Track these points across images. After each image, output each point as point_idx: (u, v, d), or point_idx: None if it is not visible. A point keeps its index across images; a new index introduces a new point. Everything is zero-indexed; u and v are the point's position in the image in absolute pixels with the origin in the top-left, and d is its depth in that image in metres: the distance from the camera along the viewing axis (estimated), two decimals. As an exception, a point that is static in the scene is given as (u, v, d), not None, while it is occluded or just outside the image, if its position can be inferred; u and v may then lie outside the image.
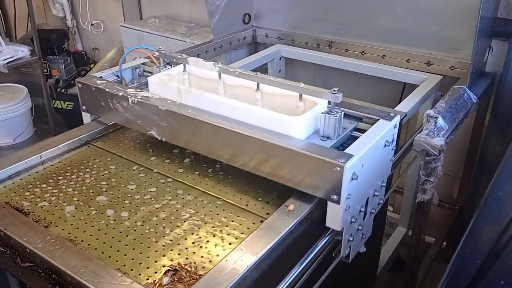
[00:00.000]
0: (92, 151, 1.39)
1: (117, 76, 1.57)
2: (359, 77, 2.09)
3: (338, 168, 1.01)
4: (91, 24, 3.48)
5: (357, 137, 1.25)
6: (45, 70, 3.41)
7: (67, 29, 3.62)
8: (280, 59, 2.24)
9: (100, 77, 1.49)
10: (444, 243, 2.21)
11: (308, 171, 1.06)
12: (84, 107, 1.49)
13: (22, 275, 0.96)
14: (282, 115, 1.15)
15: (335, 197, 1.04)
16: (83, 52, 3.61)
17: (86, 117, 1.51)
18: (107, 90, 1.36)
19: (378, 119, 1.24)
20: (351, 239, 1.15)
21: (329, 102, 1.17)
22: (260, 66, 2.18)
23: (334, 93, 1.13)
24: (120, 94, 1.33)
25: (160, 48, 1.47)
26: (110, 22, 3.42)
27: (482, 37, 1.66)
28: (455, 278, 0.68)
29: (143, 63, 1.66)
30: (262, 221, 1.07)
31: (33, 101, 3.28)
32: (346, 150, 1.07)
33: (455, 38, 1.85)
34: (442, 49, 1.88)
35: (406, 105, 1.57)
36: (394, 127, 1.24)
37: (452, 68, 1.85)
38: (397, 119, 1.24)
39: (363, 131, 1.26)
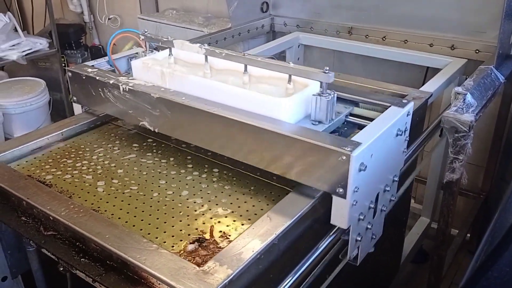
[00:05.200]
0: (114, 128, 1.37)
1: (111, 65, 1.48)
2: (380, 63, 2.05)
3: (344, 157, 0.90)
4: (108, 19, 3.50)
5: (354, 123, 1.15)
6: (63, 65, 3.43)
7: (84, 24, 3.65)
8: (298, 46, 2.22)
9: (92, 65, 1.40)
10: (468, 234, 2.15)
11: (310, 161, 0.95)
12: (74, 98, 1.40)
13: (45, 243, 0.95)
14: (268, 96, 1.06)
15: (341, 190, 0.93)
16: (100, 46, 3.63)
17: (77, 109, 1.42)
18: (97, 78, 1.27)
19: (390, 106, 1.12)
20: (359, 239, 1.04)
21: (321, 84, 1.07)
22: (279, 54, 2.15)
23: (326, 73, 1.02)
24: (111, 82, 1.24)
25: (145, 31, 1.37)
26: (127, 16, 3.43)
27: (509, 19, 1.61)
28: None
29: (138, 53, 1.50)
30: (287, 194, 1.04)
31: (51, 95, 3.28)
32: (353, 138, 0.97)
33: (479, 22, 1.80)
34: (466, 33, 1.84)
35: (431, 86, 1.53)
36: (407, 115, 1.11)
37: (477, 51, 1.80)
38: (410, 106, 1.12)
39: (364, 117, 1.16)
